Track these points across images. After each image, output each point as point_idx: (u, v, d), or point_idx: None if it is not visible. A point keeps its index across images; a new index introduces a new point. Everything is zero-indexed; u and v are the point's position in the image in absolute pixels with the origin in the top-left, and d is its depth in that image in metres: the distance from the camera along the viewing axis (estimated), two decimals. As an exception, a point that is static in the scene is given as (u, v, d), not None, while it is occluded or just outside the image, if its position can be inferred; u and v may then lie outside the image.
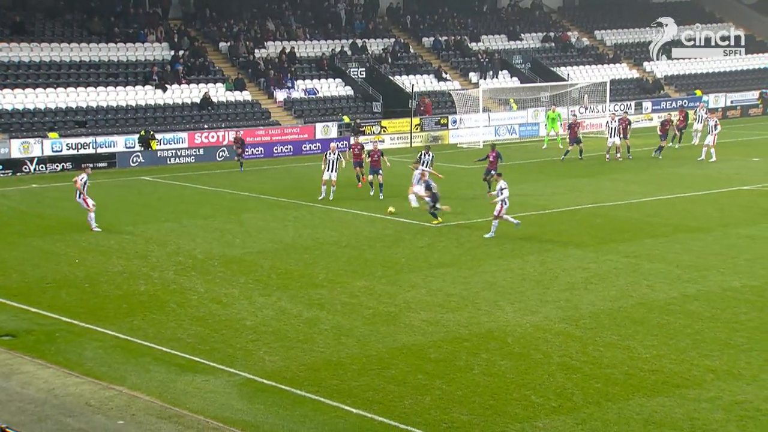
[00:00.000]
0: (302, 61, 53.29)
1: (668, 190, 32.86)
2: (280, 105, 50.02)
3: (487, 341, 17.66)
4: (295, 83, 51.20)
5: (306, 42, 54.99)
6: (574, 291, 20.90)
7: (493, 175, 27.46)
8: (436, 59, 57.55)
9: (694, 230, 26.73)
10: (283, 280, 22.19)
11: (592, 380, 15.70)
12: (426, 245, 25.59)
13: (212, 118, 47.14)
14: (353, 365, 16.54)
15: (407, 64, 55.32)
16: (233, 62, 51.83)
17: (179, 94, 47.74)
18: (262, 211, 30.96)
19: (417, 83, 52.97)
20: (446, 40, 58.80)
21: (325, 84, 52.31)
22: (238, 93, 49.23)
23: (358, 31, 57.24)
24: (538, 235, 26.56)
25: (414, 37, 59.06)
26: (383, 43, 56.64)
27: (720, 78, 62.74)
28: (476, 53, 58.13)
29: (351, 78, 52.85)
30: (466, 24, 61.17)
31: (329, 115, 49.94)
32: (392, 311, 19.63)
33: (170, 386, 15.64)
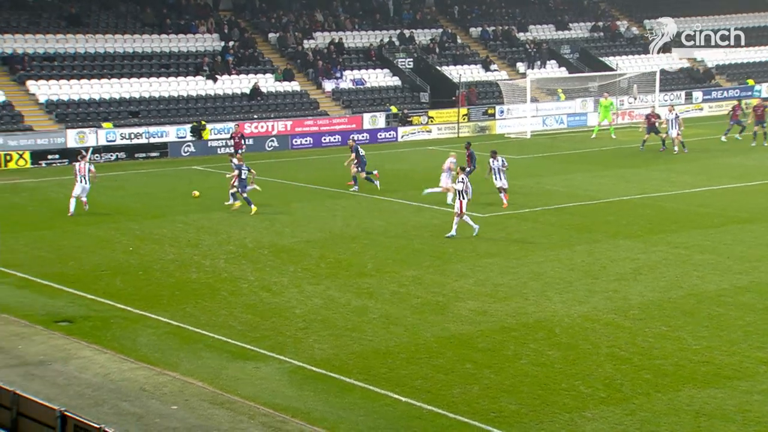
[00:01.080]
0: (350, 51, 53.31)
1: (718, 180, 32.38)
2: (328, 95, 50.12)
3: (535, 331, 17.58)
4: (343, 74, 51.26)
5: (354, 32, 54.99)
6: (622, 282, 20.70)
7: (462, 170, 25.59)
8: (484, 49, 57.19)
9: (745, 221, 26.30)
10: (332, 269, 22.28)
11: (642, 371, 15.56)
12: (473, 235, 25.49)
13: (261, 108, 47.42)
14: (402, 354, 16.57)
15: (455, 55, 55.07)
16: (282, 53, 52.04)
17: (229, 85, 48.08)
18: (311, 200, 31.09)
19: (464, 73, 52.73)
20: (494, 30, 58.41)
21: (372, 74, 52.30)
22: (286, 83, 49.44)
23: (406, 21, 57.09)
24: (587, 226, 26.33)
25: (462, 27, 58.75)
26: (431, 33, 56.43)
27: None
28: (524, 43, 57.68)
29: (398, 68, 52.76)
30: (514, 14, 60.70)
31: (377, 105, 49.93)
32: (440, 301, 19.62)
33: (222, 372, 15.81)
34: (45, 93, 43.48)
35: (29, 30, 46.59)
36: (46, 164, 39.08)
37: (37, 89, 43.60)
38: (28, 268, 22.19)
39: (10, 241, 24.86)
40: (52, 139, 40.37)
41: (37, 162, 38.96)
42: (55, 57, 45.69)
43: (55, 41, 46.51)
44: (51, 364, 16.18)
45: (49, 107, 43.01)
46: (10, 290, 20.60)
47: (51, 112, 42.87)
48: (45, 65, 45.07)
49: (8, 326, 18.17)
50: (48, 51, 45.87)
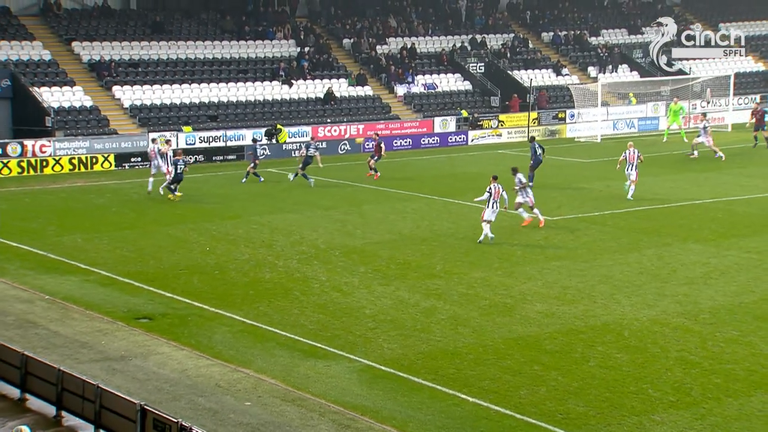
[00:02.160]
0: (422, 56, 53.33)
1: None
2: (400, 99, 50.21)
3: (604, 334, 17.32)
4: (415, 78, 51.30)
5: (426, 38, 54.99)
6: (693, 286, 20.26)
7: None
8: (555, 54, 56.64)
9: (821, 226, 25.51)
10: (402, 270, 22.30)
11: (712, 375, 15.21)
12: (542, 238, 25.26)
13: (335, 112, 47.75)
14: (469, 354, 16.50)
15: (526, 59, 54.66)
16: (356, 58, 52.33)
17: (304, 89, 48.55)
18: (382, 202, 31.16)
19: (535, 78, 52.28)
20: (565, 34, 57.80)
21: (444, 79, 52.22)
22: (359, 88, 49.68)
23: (478, 26, 56.86)
24: (657, 229, 25.85)
25: (533, 32, 58.28)
26: (502, 38, 56.10)
27: None
28: (596, 47, 56.93)
29: (470, 73, 52.59)
30: (586, 18, 59.96)
31: (448, 109, 49.84)
32: (508, 302, 19.48)
33: (294, 370, 15.96)
34: (129, 98, 44.52)
35: (116, 38, 47.77)
36: (129, 167, 39.98)
37: (122, 94, 44.67)
38: (111, 267, 22.73)
39: (94, 241, 25.52)
40: (135, 143, 41.29)
41: (121, 164, 39.90)
42: (139, 63, 46.74)
43: (140, 48, 47.59)
44: (132, 359, 16.54)
45: (133, 111, 44.02)
46: (94, 288, 21.13)
47: (134, 116, 43.86)
48: (130, 71, 46.14)
49: (92, 322, 18.64)
50: (133, 57, 46.94)
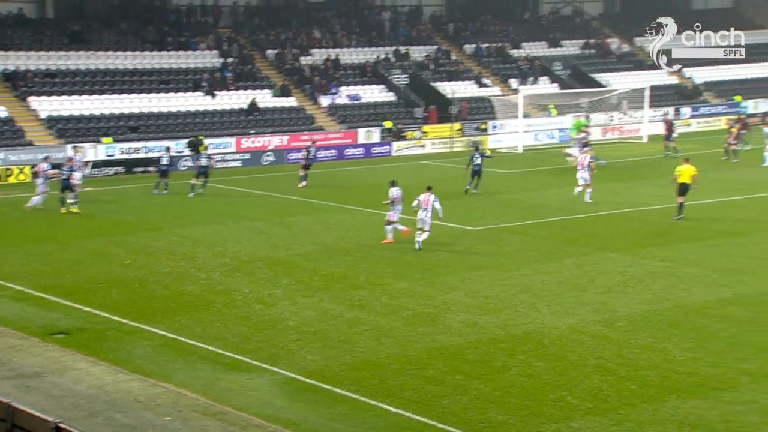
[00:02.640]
0: (346, 67, 53.47)
1: (705, 194, 32.39)
2: (325, 111, 50.23)
3: (524, 343, 17.58)
4: (339, 89, 51.39)
5: (350, 49, 55.17)
6: (610, 294, 20.72)
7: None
8: (477, 66, 57.41)
9: (731, 235, 26.34)
10: (325, 281, 22.28)
11: (628, 382, 15.56)
12: (465, 248, 25.54)
13: (259, 123, 47.49)
14: (393, 365, 16.56)
15: (448, 71, 55.25)
16: (280, 69, 52.16)
17: (227, 101, 48.18)
18: (306, 214, 31.09)
19: (458, 89, 52.88)
20: (487, 47, 58.63)
21: (368, 90, 52.43)
22: (284, 99, 49.53)
23: (402, 38, 57.30)
24: (576, 239, 26.37)
25: (456, 44, 58.97)
26: (425, 50, 56.62)
27: (760, 84, 61.70)
28: (517, 60, 57.88)
29: (393, 84, 52.93)
30: (508, 31, 60.94)
31: (372, 120, 50.04)
32: (431, 312, 19.63)
33: (215, 384, 15.79)
34: (46, 109, 43.53)
35: (32, 47, 46.69)
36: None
37: (39, 105, 43.64)
38: (25, 281, 22.17)
39: (8, 255, 24.86)
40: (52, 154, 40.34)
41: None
42: (56, 73, 45.75)
43: (57, 58, 46.60)
44: (46, 376, 16.15)
45: (50, 123, 43.04)
46: (8, 303, 20.58)
47: (51, 127, 42.89)
48: (47, 81, 45.12)
49: (5, 338, 18.14)
50: (50, 68, 45.94)
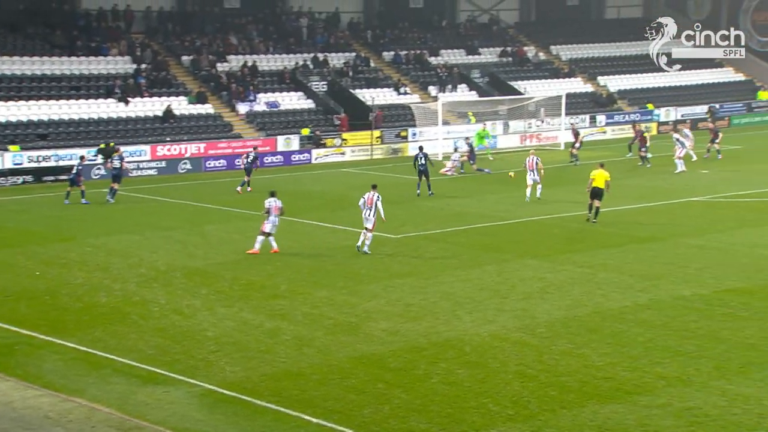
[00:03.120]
0: (264, 74, 53.17)
1: (621, 201, 33.20)
2: (242, 118, 49.83)
3: (446, 350, 17.69)
4: (257, 96, 51.06)
5: (268, 56, 54.88)
6: (530, 300, 21.02)
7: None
8: (396, 73, 57.76)
9: (647, 240, 27.02)
10: (245, 291, 22.06)
11: (548, 388, 15.79)
12: (386, 256, 25.61)
13: (174, 130, 46.82)
14: (314, 375, 16.48)
15: (368, 78, 55.44)
16: (195, 76, 51.54)
17: (141, 107, 47.37)
18: (224, 222, 30.76)
19: (377, 96, 53.10)
20: (406, 54, 59.04)
21: (286, 97, 52.23)
22: (200, 106, 48.95)
23: (320, 45, 57.27)
24: (497, 246, 26.70)
25: (375, 51, 59.21)
26: (344, 57, 56.72)
27: (672, 92, 63.63)
28: (435, 67, 58.43)
29: (312, 91, 52.86)
30: (426, 39, 61.47)
31: (291, 127, 49.85)
32: (353, 321, 19.61)
33: (130, 398, 15.46)
34: (-51, 115, 42.15)
35: (-65, 52, 45.18)
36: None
37: (-58, 111, 42.23)
38: (-72, 295, 21.35)
39: None
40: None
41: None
42: (-40, 79, 44.35)
43: (-40, 63, 45.18)
44: (-49, 393, 15.57)
45: (-46, 129, 41.67)
46: None
47: (-45, 134, 41.54)
48: (-51, 87, 43.71)
49: None
50: (-48, 73, 44.52)
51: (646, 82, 63.94)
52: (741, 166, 40.94)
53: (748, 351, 17.28)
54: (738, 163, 41.41)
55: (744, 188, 35.36)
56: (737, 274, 22.82)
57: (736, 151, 45.28)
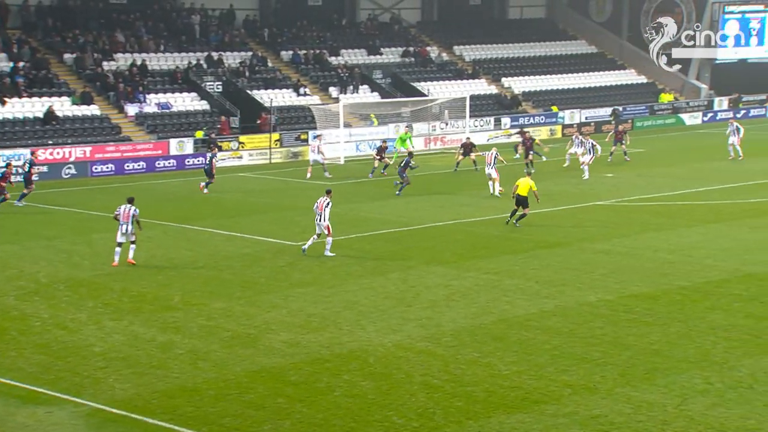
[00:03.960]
0: (154, 74, 52.28)
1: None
2: (132, 120, 48.88)
3: (349, 362, 17.73)
4: (147, 97, 50.17)
5: (158, 54, 53.98)
6: (436, 309, 21.24)
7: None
8: (295, 73, 57.61)
9: (552, 245, 27.64)
10: (136, 303, 21.66)
11: (454, 398, 15.98)
12: (286, 264, 25.51)
13: (57, 133, 45.58)
14: (210, 390, 16.28)
15: (265, 78, 55.14)
16: (80, 75, 50.30)
17: (20, 108, 45.97)
18: (113, 230, 30.02)
19: (275, 98, 52.85)
20: (305, 54, 58.95)
21: (179, 98, 51.48)
22: (85, 107, 47.79)
23: (214, 43, 56.67)
24: (401, 252, 26.89)
25: (272, 50, 58.93)
26: (240, 56, 56.27)
27: (575, 94, 65.30)
28: (336, 68, 58.51)
29: (207, 92, 52.25)
30: (325, 38, 61.51)
31: (184, 130, 49.14)
32: (251, 333, 19.47)
33: (8, 420, 14.98)
34: None
35: None
36: None
37: None
38: None
39: None
40: None
41: None
42: None
43: None
44: None
45: None
46: None
47: None
48: None
49: None
50: None
51: (550, 84, 65.45)
52: (644, 169, 42.27)
53: (653, 357, 17.84)
54: (641, 167, 42.73)
55: (648, 192, 36.52)
56: (642, 279, 23.55)
57: (640, 154, 46.71)
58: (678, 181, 38.89)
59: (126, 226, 25.03)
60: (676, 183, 38.10)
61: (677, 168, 42.94)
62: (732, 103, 67.91)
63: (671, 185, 37.65)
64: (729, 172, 39.21)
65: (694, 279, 23.44)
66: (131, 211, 25.11)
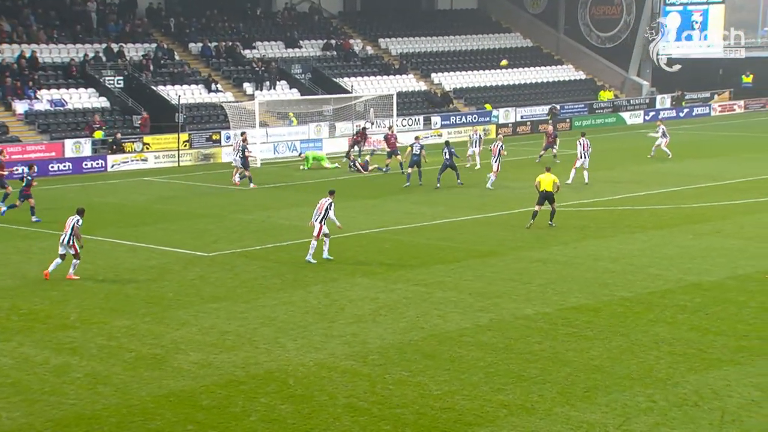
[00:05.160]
0: (46, 67, 51.43)
1: (459, 212, 34.20)
2: (21, 118, 47.99)
3: (267, 383, 17.65)
4: (38, 93, 49.28)
5: (50, 46, 53.13)
6: (361, 324, 21.28)
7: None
8: (206, 68, 57.20)
9: (486, 255, 27.92)
10: (26, 322, 21.27)
11: (381, 422, 16.02)
12: (197, 277, 25.30)
13: (-64, 132, 44.53)
14: (111, 418, 16.07)
15: (172, 73, 54.60)
16: (-39, 67, 49.24)
17: None
18: (2, 241, 29.48)
19: (184, 94, 52.37)
20: (216, 46, 58.58)
21: (75, 94, 50.69)
22: (-33, 103, 46.82)
23: (113, 34, 55.95)
24: (322, 264, 26.86)
25: (179, 42, 58.44)
26: (143, 48, 55.66)
27: (510, 91, 66.17)
28: (250, 62, 58.26)
29: (106, 87, 51.54)
30: (238, 29, 61.22)
31: (81, 130, 48.38)
32: (158, 353, 19.26)
33: None
34: None
35: None
36: None
37: None
38: None
39: None
40: None
41: None
42: None
43: None
44: None
45: None
46: None
47: None
48: None
49: None
50: None
51: (483, 80, 66.21)
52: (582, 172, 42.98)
53: (593, 373, 18.14)
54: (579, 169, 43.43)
55: (587, 196, 37.16)
56: (581, 290, 23.93)
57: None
58: (618, 184, 39.64)
59: (64, 237, 24.67)
60: (617, 187, 38.83)
61: (617, 171, 43.80)
62: (675, 101, 69.58)
63: (611, 189, 38.37)
64: (671, 175, 40.12)
65: (637, 289, 23.90)
66: (73, 221, 24.77)
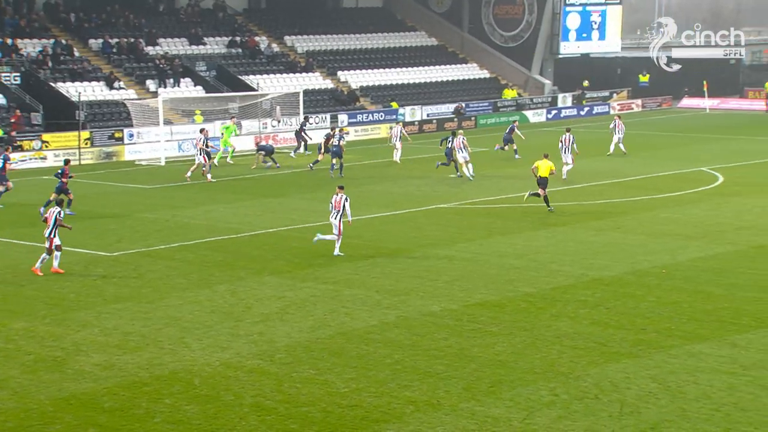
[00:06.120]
0: (-65, 63, 49.97)
1: (366, 209, 34.29)
2: None
3: (171, 384, 17.47)
4: (-69, 89, 47.85)
5: (-59, 40, 51.61)
6: (268, 323, 21.20)
7: None
8: (107, 64, 56.23)
9: (394, 252, 28.07)
10: None
11: (288, 421, 15.99)
12: (99, 278, 24.92)
13: None
14: (8, 422, 15.74)
15: (72, 70, 53.53)
16: None
17: None
18: None
19: (85, 91, 51.41)
20: (117, 42, 57.62)
21: (-31, 90, 49.30)
22: None
23: (9, 29, 54.60)
24: (230, 262, 26.68)
25: (79, 37, 57.31)
26: (40, 44, 54.45)
27: (416, 89, 66.59)
28: (153, 58, 57.46)
29: (2, 84, 50.26)
30: (141, 25, 60.31)
31: (-23, 127, 47.09)
32: (58, 356, 18.91)
33: None
34: None
35: None
36: None
37: None
38: None
39: None
40: None
41: None
42: None
43: None
44: None
45: None
46: None
47: None
48: None
49: None
50: None
51: (389, 78, 66.49)
52: (488, 170, 43.55)
53: (498, 369, 18.40)
54: (485, 167, 44.00)
55: (492, 194, 37.64)
56: (487, 287, 24.24)
57: (484, 154, 48.07)
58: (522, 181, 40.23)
59: (48, 230, 24.58)
60: (521, 184, 39.42)
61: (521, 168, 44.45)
62: (576, 100, 70.94)
63: (516, 187, 38.92)
64: (572, 173, 40.88)
65: (540, 285, 24.32)
66: (54, 213, 24.70)
